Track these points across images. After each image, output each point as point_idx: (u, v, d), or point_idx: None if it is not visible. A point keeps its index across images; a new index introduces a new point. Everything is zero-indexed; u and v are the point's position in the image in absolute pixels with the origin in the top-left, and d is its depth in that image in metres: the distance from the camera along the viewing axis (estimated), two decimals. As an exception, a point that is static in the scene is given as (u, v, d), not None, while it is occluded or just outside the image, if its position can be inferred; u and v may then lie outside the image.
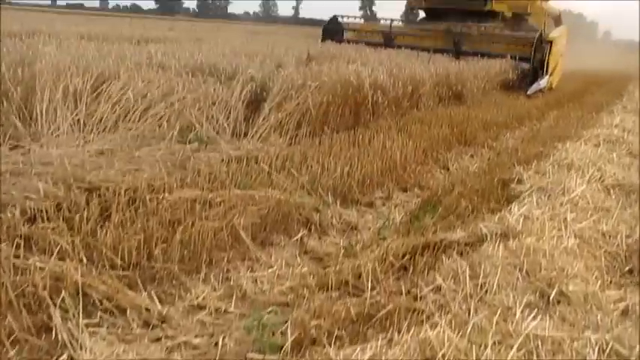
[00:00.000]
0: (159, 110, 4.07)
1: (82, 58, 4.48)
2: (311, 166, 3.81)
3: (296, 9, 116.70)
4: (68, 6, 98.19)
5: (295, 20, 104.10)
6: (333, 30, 12.34)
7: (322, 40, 11.63)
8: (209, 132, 4.16)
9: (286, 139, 4.39)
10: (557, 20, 17.16)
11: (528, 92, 9.34)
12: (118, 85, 4.20)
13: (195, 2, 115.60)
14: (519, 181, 3.58)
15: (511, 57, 9.97)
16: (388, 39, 11.52)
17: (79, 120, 3.96)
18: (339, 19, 12.96)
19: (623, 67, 19.98)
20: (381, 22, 12.77)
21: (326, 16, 13.79)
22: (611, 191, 3.46)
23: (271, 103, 4.50)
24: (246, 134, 4.41)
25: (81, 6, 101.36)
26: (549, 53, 10.03)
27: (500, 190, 3.59)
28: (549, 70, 10.19)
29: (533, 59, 9.91)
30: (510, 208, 2.96)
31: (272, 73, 4.93)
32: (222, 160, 3.67)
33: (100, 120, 4.00)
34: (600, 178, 3.59)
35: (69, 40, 6.26)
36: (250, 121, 4.57)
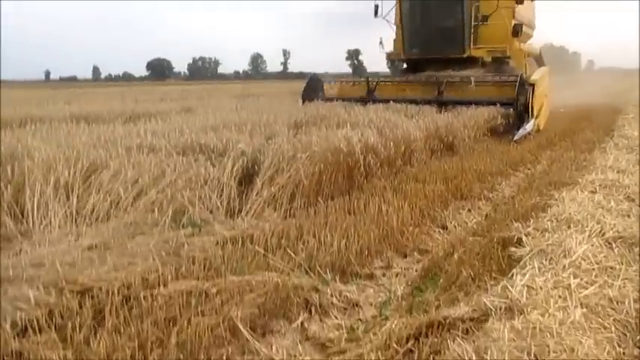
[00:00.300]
0: (151, 196, 4.04)
1: (71, 149, 4.49)
2: (307, 241, 3.76)
3: (284, 64, 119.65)
4: (62, 79, 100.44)
5: (284, 75, 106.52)
6: (313, 89, 12.19)
7: (303, 102, 11.47)
8: (202, 213, 4.13)
9: (281, 213, 4.36)
10: (539, 60, 17.22)
11: (515, 138, 9.07)
12: (109, 174, 4.20)
13: (185, 66, 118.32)
14: (519, 242, 3.51)
15: (494, 102, 9.89)
16: (369, 93, 11.47)
17: (71, 212, 3.93)
18: (319, 77, 12.89)
19: (610, 99, 20.27)
20: (361, 77, 12.76)
21: (314, 69, 14.06)
22: (613, 245, 3.40)
23: (263, 178, 4.50)
24: (240, 211, 4.38)
25: (74, 78, 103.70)
26: (532, 96, 9.90)
27: (501, 252, 3.53)
28: (534, 113, 10.04)
29: (517, 103, 9.73)
30: (512, 275, 2.89)
31: (262, 146, 4.94)
32: (217, 243, 3.62)
33: (92, 211, 3.97)
34: (601, 231, 3.54)
35: (60, 126, 6.34)
36: (244, 196, 4.54)
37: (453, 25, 12.30)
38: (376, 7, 13.04)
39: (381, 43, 13.64)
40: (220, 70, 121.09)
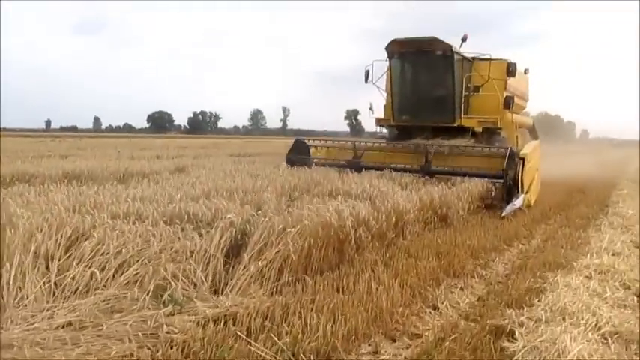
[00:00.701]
0: (133, 269, 3.91)
1: (56, 216, 4.39)
2: (292, 323, 3.61)
3: (283, 121, 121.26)
4: (62, 129, 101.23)
5: (283, 132, 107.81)
6: (298, 153, 11.94)
7: (287, 164, 11.21)
8: (186, 286, 4.00)
9: (267, 289, 4.22)
10: (533, 131, 16.96)
11: (503, 214, 8.60)
12: (92, 244, 4.08)
13: (186, 119, 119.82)
14: (512, 335, 3.38)
15: (483, 175, 9.67)
16: (355, 159, 11.26)
17: (49, 284, 3.79)
18: (306, 141, 12.59)
19: (604, 171, 20.42)
20: (348, 143, 12.40)
21: (313, 127, 13.85)
22: (610, 341, 3.27)
23: (251, 251, 4.39)
24: (226, 285, 4.24)
25: (75, 128, 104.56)
26: (522, 170, 9.56)
27: (493, 344, 3.38)
28: (524, 188, 9.65)
29: (506, 177, 9.41)
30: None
31: (252, 217, 4.85)
32: (198, 324, 3.47)
33: (72, 282, 3.83)
34: (596, 325, 3.41)
35: (49, 187, 6.28)
36: (230, 269, 4.41)
37: (443, 95, 12.24)
38: (367, 72, 12.86)
39: (370, 108, 13.47)
40: (220, 124, 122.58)
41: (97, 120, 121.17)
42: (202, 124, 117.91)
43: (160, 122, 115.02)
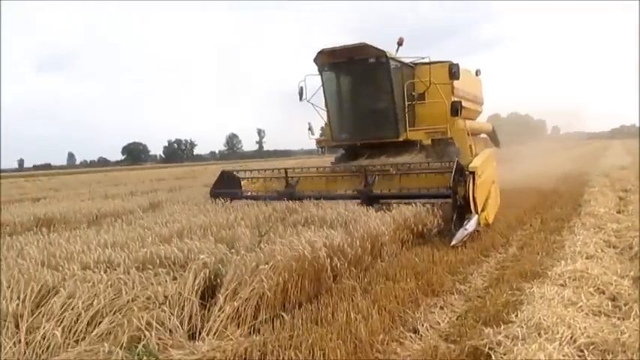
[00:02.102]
0: (105, 322, 3.84)
1: (23, 273, 4.30)
2: (270, 365, 3.58)
3: (259, 143, 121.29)
4: (35, 167, 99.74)
5: (260, 154, 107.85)
6: (226, 186, 10.45)
7: (212, 197, 9.91)
8: (161, 334, 3.92)
9: (245, 329, 4.16)
10: (493, 137, 16.47)
11: (453, 242, 7.17)
12: (62, 299, 3.99)
13: (162, 148, 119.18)
14: (489, 357, 3.38)
15: (430, 196, 8.40)
16: (289, 189, 9.85)
17: (19, 345, 3.69)
18: (235, 173, 11.12)
19: (576, 166, 20.75)
20: (280, 170, 10.57)
21: (289, 146, 13.03)
22: (585, 353, 3.30)
23: (226, 292, 4.33)
24: (202, 327, 4.17)
25: (49, 166, 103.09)
26: (474, 186, 7.86)
27: (473, 366, 3.38)
28: (478, 207, 7.97)
29: (455, 196, 7.90)
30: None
31: (225, 256, 4.80)
32: (174, 377, 3.41)
33: (42, 341, 3.73)
34: (571, 337, 3.44)
35: (17, 238, 6.17)
36: (206, 311, 4.35)
37: (383, 107, 11.11)
38: (300, 89, 11.58)
39: (310, 129, 12.20)
40: (197, 150, 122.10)
41: (71, 156, 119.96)
42: (178, 153, 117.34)
43: (135, 153, 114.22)
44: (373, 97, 11.24)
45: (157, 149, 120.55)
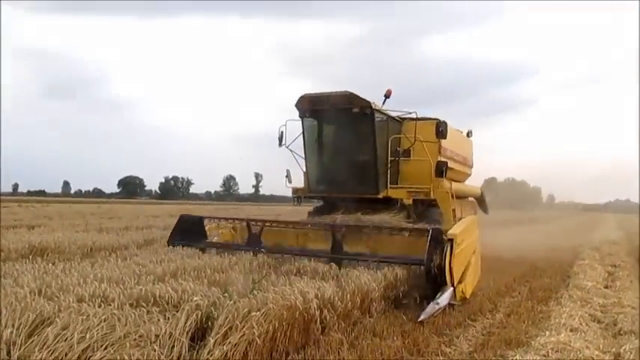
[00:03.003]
0: (97, 356, 3.91)
1: (18, 301, 4.39)
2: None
3: (256, 187, 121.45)
4: (29, 193, 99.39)
5: (256, 197, 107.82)
6: (187, 233, 9.28)
7: (169, 245, 8.92)
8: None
9: (233, 375, 4.23)
10: (481, 202, 15.91)
11: (421, 317, 6.38)
12: (55, 330, 4.07)
13: (157, 184, 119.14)
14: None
15: (403, 261, 7.64)
16: (254, 240, 8.93)
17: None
18: (195, 218, 9.83)
19: (569, 239, 20.92)
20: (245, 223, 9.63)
21: (286, 192, 11.61)
22: None
23: (216, 335, 4.41)
24: (191, 370, 4.24)
25: (43, 192, 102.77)
26: (451, 255, 7.06)
27: None
28: (455, 279, 7.14)
29: (430, 265, 7.17)
30: None
31: (218, 300, 4.90)
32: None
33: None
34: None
35: (14, 266, 6.27)
36: (195, 353, 4.42)
37: (363, 161, 10.51)
38: (281, 133, 10.95)
39: (287, 176, 11.40)
40: (192, 189, 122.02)
41: (66, 184, 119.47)
42: (174, 190, 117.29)
43: (131, 187, 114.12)
44: (354, 150, 10.75)
45: (152, 184, 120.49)
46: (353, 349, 5.22)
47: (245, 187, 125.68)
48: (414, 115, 10.96)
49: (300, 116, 10.89)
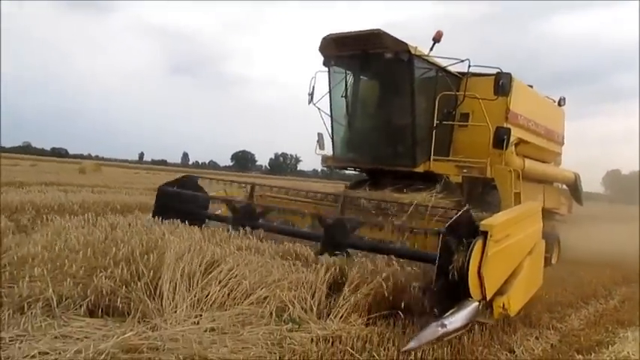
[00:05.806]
0: (259, 292, 4.83)
1: (196, 244, 5.41)
2: (388, 348, 4.35)
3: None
4: (153, 162, 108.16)
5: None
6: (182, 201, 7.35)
7: (154, 216, 6.94)
8: (299, 312, 4.82)
9: (365, 319, 4.96)
10: (574, 189, 12.54)
11: (408, 346, 4.17)
12: (227, 267, 5.04)
13: (267, 160, 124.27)
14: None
15: (416, 257, 5.61)
16: (247, 214, 7.03)
17: (193, 298, 4.75)
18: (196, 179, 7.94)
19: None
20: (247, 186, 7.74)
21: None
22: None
23: (349, 286, 5.17)
24: (329, 314, 5.02)
25: (164, 162, 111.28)
26: (482, 255, 4.84)
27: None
28: (485, 289, 4.89)
29: (444, 264, 4.82)
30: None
31: (350, 260, 5.68)
32: (312, 340, 4.28)
33: (211, 299, 4.77)
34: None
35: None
36: (332, 300, 5.20)
37: (398, 124, 8.31)
38: (312, 89, 8.88)
39: (318, 140, 9.20)
40: (300, 166, 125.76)
41: (185, 155, 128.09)
42: (282, 166, 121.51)
43: (243, 161, 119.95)
44: (387, 108, 8.54)
45: (263, 160, 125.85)
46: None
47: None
48: (466, 64, 8.13)
49: (324, 64, 8.66)
